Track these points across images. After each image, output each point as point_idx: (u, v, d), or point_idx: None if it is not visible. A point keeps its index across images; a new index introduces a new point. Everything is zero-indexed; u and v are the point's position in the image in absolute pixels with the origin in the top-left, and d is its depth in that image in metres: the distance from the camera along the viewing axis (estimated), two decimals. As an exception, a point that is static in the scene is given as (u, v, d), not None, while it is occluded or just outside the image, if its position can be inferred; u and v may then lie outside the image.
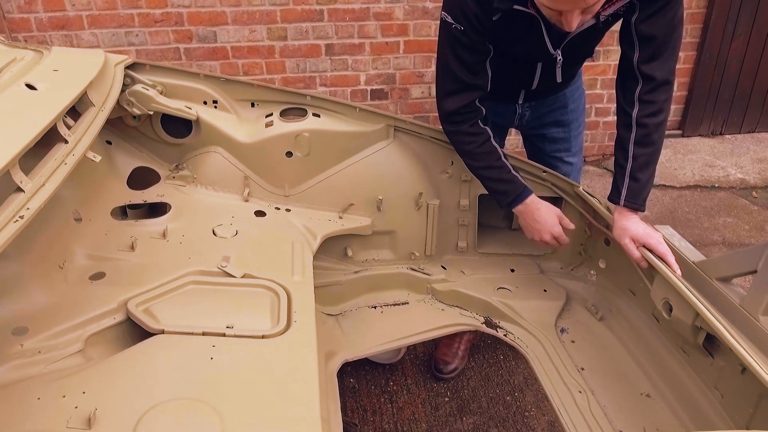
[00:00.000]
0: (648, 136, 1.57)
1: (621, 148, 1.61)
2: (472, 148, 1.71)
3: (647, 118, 1.56)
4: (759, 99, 4.43)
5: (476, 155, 1.72)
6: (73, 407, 1.10)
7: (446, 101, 1.68)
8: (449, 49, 1.59)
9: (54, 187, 1.19)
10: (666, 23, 1.49)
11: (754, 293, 1.39)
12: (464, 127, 1.70)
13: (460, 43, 1.56)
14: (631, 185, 1.58)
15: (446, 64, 1.63)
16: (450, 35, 1.57)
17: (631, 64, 1.55)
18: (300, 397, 1.20)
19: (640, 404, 1.56)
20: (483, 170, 1.74)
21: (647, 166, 1.59)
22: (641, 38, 1.52)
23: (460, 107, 1.66)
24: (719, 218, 3.51)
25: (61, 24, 3.19)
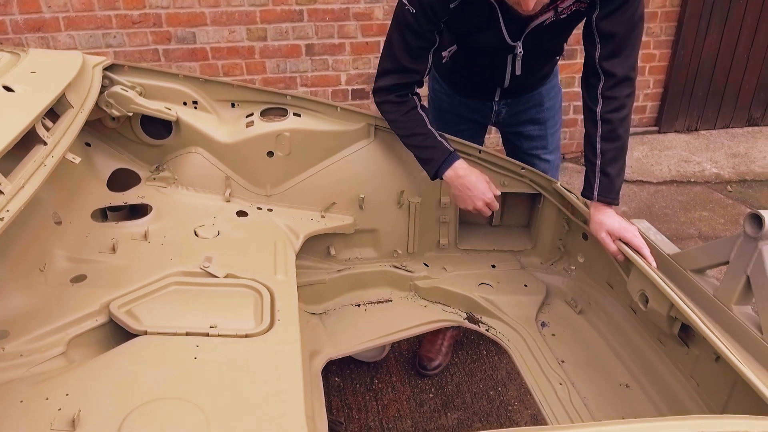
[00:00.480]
0: (613, 131, 1.60)
1: (589, 145, 1.64)
2: (397, 117, 1.74)
3: (611, 113, 1.59)
4: (732, 95, 4.52)
5: (401, 123, 1.74)
6: (57, 409, 1.09)
7: (382, 78, 1.72)
8: (397, 29, 1.62)
9: (33, 189, 1.18)
10: (626, 21, 1.52)
11: (726, 284, 1.43)
12: (390, 97, 1.73)
13: (409, 25, 1.59)
14: (602, 180, 1.62)
15: (391, 43, 1.66)
16: (401, 16, 1.59)
17: (594, 62, 1.59)
18: (285, 395, 1.21)
19: (619, 394, 1.59)
20: (408, 138, 1.75)
21: (615, 160, 1.62)
22: (602, 36, 1.55)
23: (392, 85, 1.70)
24: (695, 212, 3.58)
25: (37, 26, 3.15)
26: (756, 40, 4.32)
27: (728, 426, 0.93)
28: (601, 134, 1.61)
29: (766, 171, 4.12)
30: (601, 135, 1.61)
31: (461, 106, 2.02)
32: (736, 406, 1.31)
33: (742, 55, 4.35)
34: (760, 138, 4.53)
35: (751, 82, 4.49)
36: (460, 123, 2.04)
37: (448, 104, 2.05)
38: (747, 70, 4.43)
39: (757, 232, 1.34)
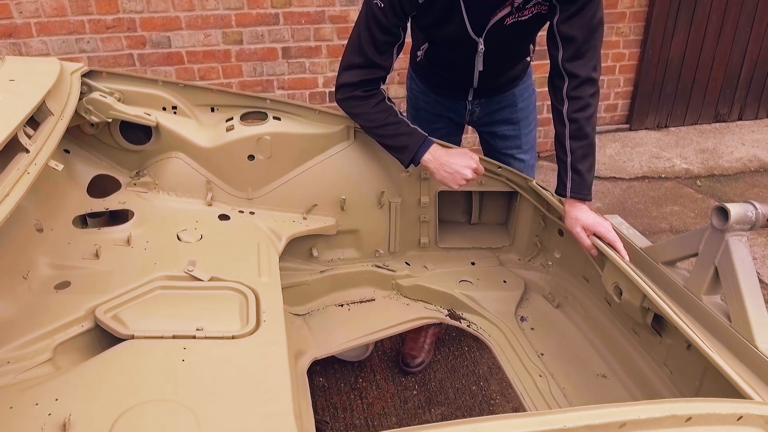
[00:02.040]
0: (580, 129, 1.65)
1: (559, 144, 1.70)
2: (366, 109, 1.73)
3: (576, 113, 1.65)
4: (700, 92, 4.65)
5: (371, 115, 1.74)
6: (47, 414, 1.10)
7: (346, 73, 1.71)
8: (364, 23, 1.63)
9: (18, 197, 1.18)
10: (585, 24, 1.58)
11: (696, 275, 1.49)
12: (357, 92, 1.72)
13: (376, 20, 1.60)
14: (574, 177, 1.67)
15: (357, 38, 1.66)
16: (369, 10, 1.60)
17: (557, 63, 1.64)
18: (273, 394, 1.23)
19: (597, 384, 1.65)
20: (381, 129, 1.74)
21: (585, 158, 1.67)
22: (563, 38, 1.60)
23: (358, 81, 1.70)
24: (666, 207, 3.68)
25: (8, 32, 3.11)
26: (721, 39, 4.45)
27: (697, 409, 0.97)
28: (569, 133, 1.67)
29: (733, 166, 4.25)
30: (569, 134, 1.67)
31: (437, 104, 2.06)
32: (707, 391, 1.36)
33: (709, 54, 4.48)
34: (727, 134, 4.68)
35: (718, 79, 4.62)
36: (437, 121, 2.08)
37: (424, 102, 2.09)
38: (713, 68, 4.56)
39: (724, 225, 1.40)
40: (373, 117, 1.74)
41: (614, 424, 0.91)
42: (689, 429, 0.98)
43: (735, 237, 1.41)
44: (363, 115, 1.75)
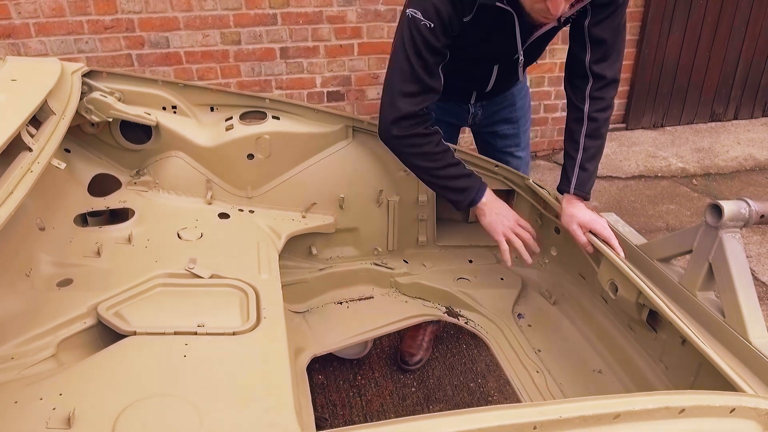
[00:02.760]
0: (598, 129, 1.69)
1: (572, 141, 1.72)
2: (430, 149, 1.64)
3: (598, 113, 1.68)
4: (695, 92, 4.69)
5: (434, 155, 1.65)
6: (51, 408, 1.12)
7: (402, 103, 1.58)
8: (412, 48, 1.52)
9: (23, 195, 1.20)
10: (615, 27, 1.60)
11: (690, 271, 1.51)
12: (419, 130, 1.62)
13: (426, 41, 1.51)
14: (580, 175, 1.69)
15: (405, 65, 1.55)
16: (416, 33, 1.50)
17: (582, 65, 1.65)
18: (274, 388, 1.24)
19: (593, 380, 1.67)
20: (442, 170, 1.66)
21: (594, 157, 1.71)
22: (593, 41, 1.62)
23: (417, 110, 1.59)
24: (662, 205, 3.71)
25: (7, 32, 3.12)
26: (716, 39, 4.48)
27: (690, 401, 1.00)
28: (586, 131, 1.69)
29: (729, 164, 4.28)
30: (586, 132, 1.69)
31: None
32: (701, 385, 1.38)
33: (704, 54, 4.52)
34: (723, 133, 4.71)
35: (713, 79, 4.66)
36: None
37: None
38: (709, 68, 4.60)
39: (717, 222, 1.42)
40: (437, 157, 1.65)
41: (608, 415, 0.93)
42: (682, 421, 1.00)
43: (729, 234, 1.43)
44: (426, 154, 1.64)
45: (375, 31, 3.64)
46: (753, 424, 1.09)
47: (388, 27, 3.63)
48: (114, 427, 1.09)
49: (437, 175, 1.68)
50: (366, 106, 3.87)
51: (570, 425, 0.91)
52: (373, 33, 3.64)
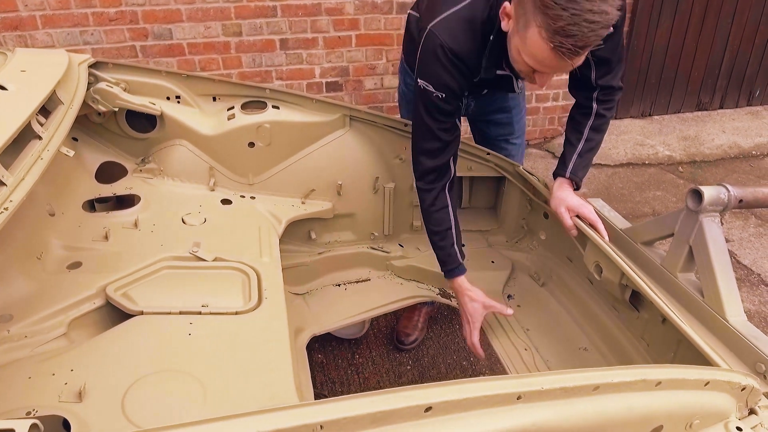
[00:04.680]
0: (603, 125, 1.77)
1: (575, 131, 1.78)
2: (431, 210, 1.78)
3: (605, 110, 1.76)
4: (683, 82, 4.73)
5: (431, 219, 1.79)
6: (63, 383, 1.18)
7: (425, 160, 1.72)
8: (428, 115, 1.64)
9: (33, 181, 1.26)
10: (616, 43, 1.64)
11: (672, 254, 1.58)
12: (436, 190, 1.75)
13: (440, 109, 1.62)
14: (577, 161, 1.76)
15: (425, 127, 1.66)
16: (430, 103, 1.61)
17: (588, 80, 1.70)
18: (274, 364, 1.31)
19: (579, 357, 1.74)
20: (431, 234, 1.81)
21: (592, 150, 1.78)
22: (597, 62, 1.66)
23: (438, 165, 1.72)
24: (649, 192, 3.77)
25: (15, 25, 3.17)
26: (703, 30, 4.52)
27: (667, 374, 1.05)
28: (591, 124, 1.76)
29: (714, 152, 4.33)
30: (591, 125, 1.76)
31: None
32: (681, 361, 1.44)
33: (691, 44, 4.55)
34: (709, 122, 4.75)
35: (700, 69, 4.70)
36: None
37: None
38: (696, 58, 4.63)
39: (698, 206, 1.48)
40: (436, 222, 1.79)
41: (588, 386, 0.98)
42: (659, 393, 1.06)
43: (708, 218, 1.49)
44: (425, 211, 1.80)
45: (372, 22, 3.68)
46: (726, 397, 1.15)
47: (385, 19, 3.67)
48: (123, 400, 1.16)
49: (428, 235, 1.83)
50: (363, 96, 3.92)
51: (552, 396, 0.96)
52: (371, 25, 3.68)
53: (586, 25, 1.22)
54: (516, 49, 1.40)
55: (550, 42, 1.28)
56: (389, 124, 1.99)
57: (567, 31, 1.24)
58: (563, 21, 1.23)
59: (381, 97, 3.93)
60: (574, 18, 1.22)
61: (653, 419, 1.07)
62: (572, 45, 1.26)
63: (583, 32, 1.23)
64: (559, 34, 1.25)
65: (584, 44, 1.27)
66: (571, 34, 1.24)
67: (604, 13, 1.23)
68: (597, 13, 1.22)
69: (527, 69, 1.42)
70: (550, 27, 1.25)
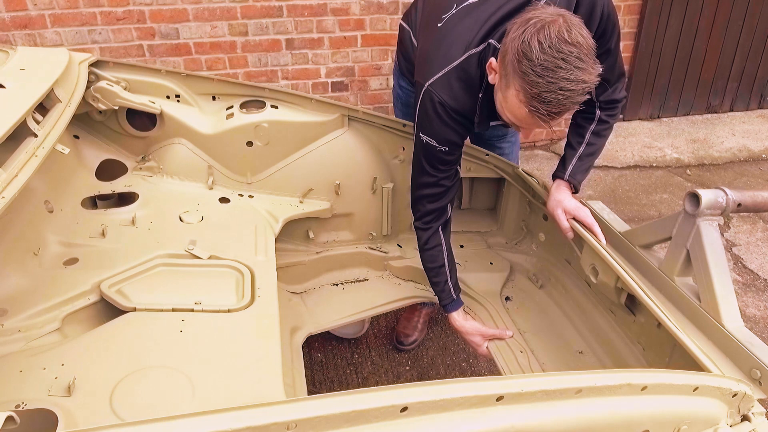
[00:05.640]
0: (605, 130, 1.77)
1: (577, 135, 1.78)
2: (425, 247, 1.82)
3: (608, 117, 1.76)
4: (692, 84, 4.67)
5: (425, 256, 1.84)
6: (53, 378, 1.20)
7: (426, 203, 1.76)
8: (431, 166, 1.67)
9: (26, 178, 1.27)
10: (612, 63, 1.64)
11: (669, 257, 1.56)
12: (432, 230, 1.79)
13: (443, 160, 1.66)
14: (577, 165, 1.76)
15: (427, 175, 1.70)
16: (432, 156, 1.65)
17: (591, 99, 1.68)
18: (264, 362, 1.32)
19: (574, 360, 1.73)
20: (426, 270, 1.86)
21: (593, 154, 1.78)
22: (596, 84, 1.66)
23: (437, 208, 1.76)
24: (656, 195, 3.73)
25: (24, 23, 3.22)
26: (713, 32, 4.46)
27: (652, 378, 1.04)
28: (594, 129, 1.77)
29: (723, 155, 4.28)
30: (593, 129, 1.77)
31: None
32: (676, 366, 1.42)
33: (701, 47, 4.50)
34: (718, 124, 4.69)
35: (710, 71, 4.64)
36: None
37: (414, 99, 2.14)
38: (706, 61, 4.58)
39: (695, 210, 1.46)
40: (426, 257, 1.84)
41: (570, 390, 0.97)
42: (645, 397, 1.05)
43: (706, 222, 1.48)
44: (421, 248, 1.84)
45: (378, 23, 3.68)
46: (717, 403, 1.14)
47: (391, 19, 3.67)
48: (111, 395, 1.17)
49: (425, 268, 1.87)
50: (369, 96, 3.92)
51: (532, 398, 0.95)
52: (376, 25, 3.69)
53: (561, 93, 1.24)
54: (500, 105, 1.43)
55: (526, 106, 1.31)
56: (388, 125, 1.99)
57: (542, 98, 1.26)
58: (539, 88, 1.25)
59: (386, 98, 3.93)
60: (549, 86, 1.24)
61: (639, 424, 1.06)
62: (547, 110, 1.28)
63: (558, 99, 1.26)
64: (536, 99, 1.27)
65: (559, 110, 1.29)
66: (546, 100, 1.26)
67: (581, 82, 1.25)
68: (573, 82, 1.24)
69: (512, 122, 1.44)
70: (527, 92, 1.28)
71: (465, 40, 1.52)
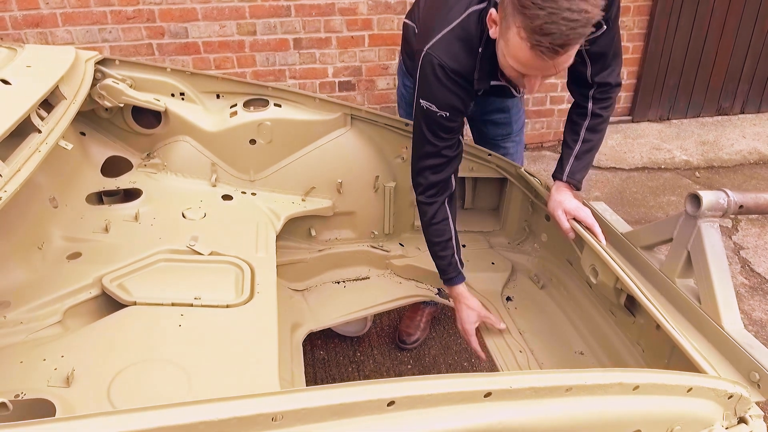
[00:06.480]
0: (600, 124, 1.75)
1: (572, 132, 1.77)
2: (431, 221, 1.78)
3: (601, 110, 1.74)
4: (702, 86, 4.62)
5: (431, 230, 1.80)
6: (53, 369, 1.22)
7: (428, 175, 1.72)
8: (431, 133, 1.65)
9: (29, 172, 1.29)
10: (611, 39, 1.62)
11: (670, 259, 1.55)
12: (438, 203, 1.76)
13: (444, 127, 1.63)
14: (574, 164, 1.75)
15: (429, 144, 1.67)
16: (433, 122, 1.62)
17: (584, 76, 1.69)
18: (260, 357, 1.33)
19: (574, 360, 1.72)
20: (432, 245, 1.82)
21: (591, 150, 1.76)
22: (592, 57, 1.64)
23: (441, 180, 1.73)
24: (664, 197, 3.70)
25: (36, 22, 3.26)
26: (724, 34, 4.41)
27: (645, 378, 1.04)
28: (588, 125, 1.75)
29: (733, 158, 4.23)
30: (587, 126, 1.75)
31: None
32: (674, 367, 1.41)
33: (712, 48, 4.45)
34: (729, 126, 4.63)
35: (720, 73, 4.59)
36: None
37: None
38: (716, 62, 4.53)
39: (696, 211, 1.45)
40: (437, 233, 1.80)
41: (560, 387, 0.97)
42: (637, 397, 1.05)
43: (707, 223, 1.47)
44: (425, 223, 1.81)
45: (385, 23, 3.69)
46: (712, 404, 1.13)
47: (398, 19, 3.68)
48: (109, 387, 1.19)
49: (428, 245, 1.85)
50: (376, 96, 3.93)
51: (521, 395, 0.95)
52: (384, 25, 3.70)
53: (564, 23, 1.22)
54: (502, 54, 1.41)
55: (528, 41, 1.28)
56: (390, 124, 1.99)
57: (544, 30, 1.24)
58: (540, 20, 1.23)
59: (393, 98, 3.94)
60: (551, 16, 1.22)
61: (630, 423, 1.05)
62: (550, 43, 1.26)
63: (561, 30, 1.23)
64: (537, 32, 1.25)
65: (563, 43, 1.26)
66: (548, 32, 1.24)
67: (583, 12, 1.22)
68: (575, 11, 1.21)
69: (516, 74, 1.42)
70: (528, 26, 1.26)
71: (467, 1, 1.53)
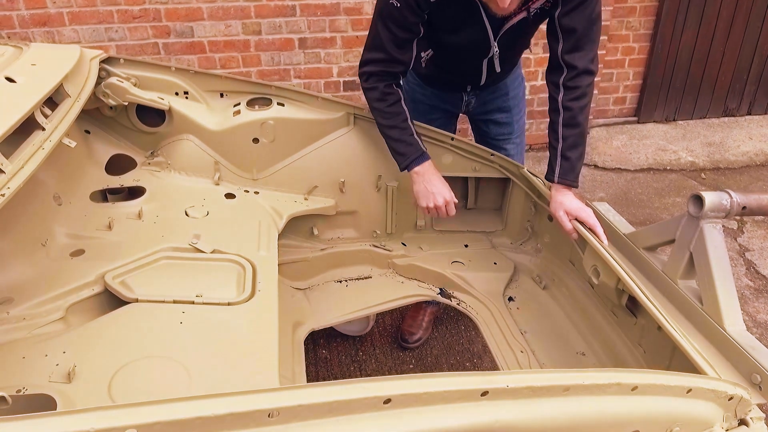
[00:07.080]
0: (573, 118, 1.72)
1: (552, 131, 1.77)
2: (383, 107, 1.81)
3: (571, 102, 1.71)
4: (709, 87, 4.60)
5: (385, 114, 1.82)
6: (55, 365, 1.23)
7: (368, 65, 1.78)
8: (381, 21, 1.68)
9: (32, 170, 1.30)
10: (585, 18, 1.64)
11: (672, 260, 1.55)
12: (380, 86, 1.79)
13: (393, 18, 1.65)
14: (563, 164, 1.74)
15: (377, 34, 1.71)
16: (386, 8, 1.65)
17: (556, 55, 1.70)
18: (261, 355, 1.33)
19: (575, 361, 1.72)
20: (388, 129, 1.83)
21: (575, 146, 1.74)
22: (564, 31, 1.66)
23: (379, 71, 1.77)
24: (669, 198, 3.69)
25: (43, 21, 3.29)
26: (731, 34, 4.39)
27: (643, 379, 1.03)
28: (562, 121, 1.73)
29: (739, 159, 4.21)
30: (562, 121, 1.73)
31: (433, 96, 2.13)
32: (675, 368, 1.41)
33: (718, 49, 4.43)
34: (735, 128, 4.60)
35: (727, 74, 4.56)
36: (433, 112, 2.15)
37: (421, 95, 2.15)
38: (723, 63, 4.50)
39: (699, 212, 1.45)
40: (387, 116, 1.82)
41: (558, 387, 0.97)
42: (635, 398, 1.04)
43: (710, 224, 1.47)
44: (378, 110, 1.83)
45: (391, 22, 3.69)
46: (711, 406, 1.13)
47: (403, 18, 3.68)
48: (110, 383, 1.20)
49: (384, 132, 1.85)
50: (380, 95, 3.93)
51: (518, 395, 0.95)
52: (389, 24, 3.69)
53: None
54: None
55: None
56: (393, 123, 1.99)
57: None
58: None
59: (399, 97, 3.94)
60: None
61: (628, 424, 1.05)
62: None
63: None
64: None
65: None
66: None
67: None
68: None
69: None
70: None
71: None
